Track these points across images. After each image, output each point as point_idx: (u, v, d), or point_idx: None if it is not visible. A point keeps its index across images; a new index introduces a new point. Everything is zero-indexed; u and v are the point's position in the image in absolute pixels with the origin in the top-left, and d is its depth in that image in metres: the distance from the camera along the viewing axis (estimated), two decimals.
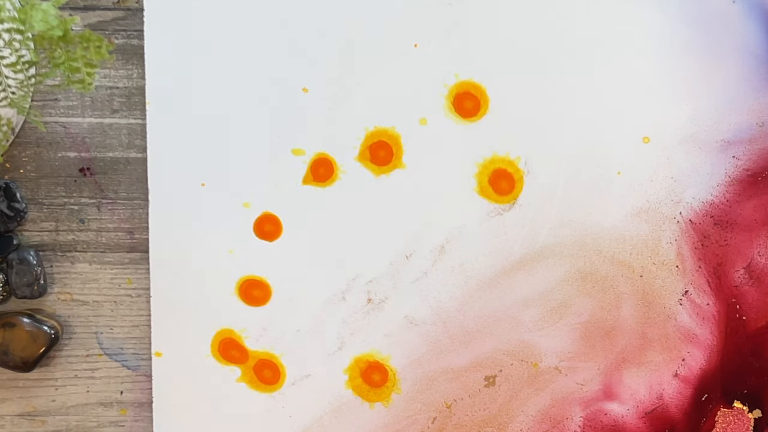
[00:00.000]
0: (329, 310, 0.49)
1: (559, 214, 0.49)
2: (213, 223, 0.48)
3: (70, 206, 0.48)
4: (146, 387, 0.49)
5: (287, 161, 0.48)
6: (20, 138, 0.48)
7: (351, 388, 0.50)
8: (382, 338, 0.49)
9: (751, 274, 0.49)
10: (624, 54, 0.48)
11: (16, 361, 0.47)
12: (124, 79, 0.48)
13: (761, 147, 0.49)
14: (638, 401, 0.50)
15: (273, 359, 0.49)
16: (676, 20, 0.48)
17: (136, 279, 0.49)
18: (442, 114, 0.48)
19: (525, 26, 0.48)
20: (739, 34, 0.48)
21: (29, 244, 0.48)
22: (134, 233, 0.48)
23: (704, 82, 0.48)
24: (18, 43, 0.38)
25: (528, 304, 0.49)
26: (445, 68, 0.48)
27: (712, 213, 0.49)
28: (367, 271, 0.49)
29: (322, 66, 0.48)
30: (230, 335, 0.49)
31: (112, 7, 0.47)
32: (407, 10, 0.47)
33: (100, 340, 0.49)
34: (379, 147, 0.48)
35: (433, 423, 0.50)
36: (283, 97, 0.48)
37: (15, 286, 0.47)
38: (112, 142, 0.48)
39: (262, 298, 0.49)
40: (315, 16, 0.47)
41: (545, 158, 0.48)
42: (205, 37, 0.47)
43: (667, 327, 0.49)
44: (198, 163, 0.48)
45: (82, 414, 0.49)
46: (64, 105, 0.47)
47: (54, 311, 0.49)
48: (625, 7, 0.48)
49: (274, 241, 0.49)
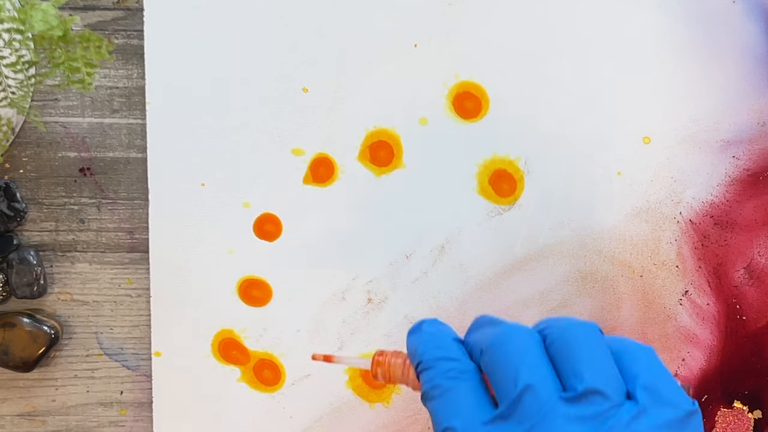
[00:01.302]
0: (329, 310, 0.49)
1: (559, 214, 0.49)
2: (213, 223, 0.48)
3: (70, 206, 0.48)
4: (146, 387, 0.49)
5: (287, 161, 0.48)
6: (20, 138, 0.48)
7: (351, 388, 0.50)
8: (382, 338, 0.49)
9: (751, 274, 0.49)
10: (624, 54, 0.48)
11: (16, 361, 0.47)
12: (124, 79, 0.48)
13: (761, 147, 0.49)
14: None
15: (273, 359, 0.49)
16: (676, 20, 0.48)
17: (136, 279, 0.49)
18: (443, 114, 0.48)
19: (525, 26, 0.48)
20: (739, 34, 0.48)
21: (29, 244, 0.48)
22: (134, 233, 0.48)
23: (704, 82, 0.48)
24: (18, 43, 0.38)
25: (528, 304, 0.49)
26: (445, 68, 0.48)
27: (712, 213, 0.49)
28: (367, 271, 0.49)
29: (322, 66, 0.48)
30: (230, 335, 0.49)
31: (112, 7, 0.47)
32: (407, 10, 0.47)
33: (100, 340, 0.49)
34: (379, 147, 0.48)
35: None
36: (283, 97, 0.48)
37: (15, 286, 0.47)
38: (112, 142, 0.48)
39: (262, 298, 0.49)
40: (315, 16, 0.47)
41: (545, 158, 0.48)
42: (205, 37, 0.47)
43: (667, 327, 0.49)
44: (198, 163, 0.48)
45: (82, 414, 0.49)
46: (64, 105, 0.47)
47: (54, 311, 0.49)
48: (625, 7, 0.48)
49: (274, 241, 0.49)
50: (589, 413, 0.27)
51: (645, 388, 0.28)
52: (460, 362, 0.30)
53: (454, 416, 0.28)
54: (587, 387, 0.27)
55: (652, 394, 0.28)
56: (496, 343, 0.29)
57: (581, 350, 0.28)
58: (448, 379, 0.29)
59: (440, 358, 0.30)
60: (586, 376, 0.27)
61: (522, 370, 0.28)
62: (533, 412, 0.27)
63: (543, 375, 0.28)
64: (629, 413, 0.27)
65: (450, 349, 0.31)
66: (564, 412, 0.27)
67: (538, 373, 0.28)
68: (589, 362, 0.28)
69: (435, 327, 0.32)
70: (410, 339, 0.32)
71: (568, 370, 0.28)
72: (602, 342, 0.29)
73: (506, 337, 0.29)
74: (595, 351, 0.28)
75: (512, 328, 0.30)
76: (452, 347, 0.31)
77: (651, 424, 0.27)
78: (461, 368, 0.30)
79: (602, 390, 0.27)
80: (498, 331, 0.30)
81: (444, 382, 0.29)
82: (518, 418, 0.27)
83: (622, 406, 0.27)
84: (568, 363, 0.28)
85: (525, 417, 0.27)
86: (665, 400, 0.28)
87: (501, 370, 0.28)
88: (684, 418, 0.27)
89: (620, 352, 0.29)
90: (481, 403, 0.29)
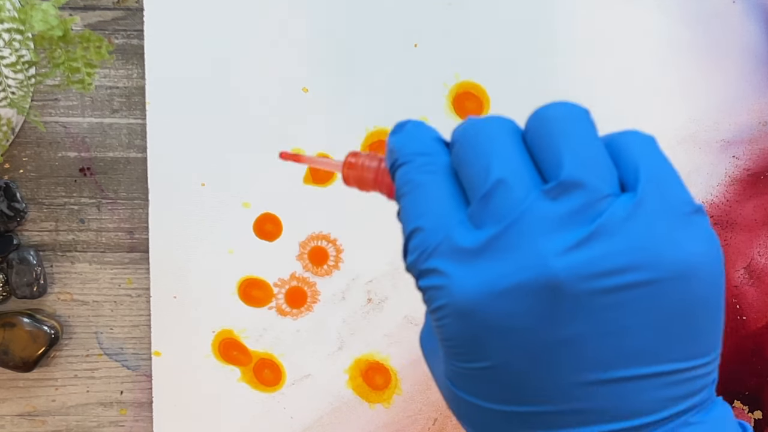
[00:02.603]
0: (329, 310, 0.49)
1: None
2: (213, 223, 0.48)
3: (70, 206, 0.48)
4: (146, 387, 0.49)
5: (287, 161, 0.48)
6: (20, 138, 0.48)
7: (351, 388, 0.50)
8: (382, 338, 0.49)
9: (751, 274, 0.49)
10: (624, 54, 0.48)
11: (16, 361, 0.47)
12: (124, 79, 0.48)
13: (761, 147, 0.49)
14: None
15: (273, 359, 0.49)
16: (676, 20, 0.48)
17: (136, 279, 0.49)
18: (443, 114, 0.48)
19: (525, 26, 0.48)
20: (739, 34, 0.48)
21: (29, 244, 0.48)
22: (134, 233, 0.48)
23: (704, 82, 0.48)
24: (18, 43, 0.38)
25: None
26: (445, 68, 0.48)
27: (712, 213, 0.49)
28: (367, 271, 0.49)
29: (322, 66, 0.48)
30: (230, 335, 0.49)
31: (112, 7, 0.47)
32: (407, 10, 0.47)
33: (100, 340, 0.49)
34: (379, 147, 0.48)
35: (434, 424, 0.50)
36: (283, 97, 0.48)
37: (15, 286, 0.47)
38: (112, 142, 0.48)
39: (262, 298, 0.49)
40: (315, 16, 0.47)
41: None
42: (205, 37, 0.47)
43: None
44: (198, 163, 0.48)
45: (82, 414, 0.49)
46: (64, 105, 0.47)
47: (54, 311, 0.49)
48: (625, 7, 0.48)
49: (274, 241, 0.49)
50: (573, 208, 0.22)
51: (645, 178, 0.23)
52: (438, 157, 0.26)
53: (423, 215, 0.25)
54: (569, 176, 0.22)
55: (654, 184, 0.23)
56: (468, 133, 0.25)
57: (562, 135, 0.24)
58: (422, 174, 0.25)
59: (417, 153, 0.26)
60: (567, 164, 0.23)
61: (494, 163, 0.23)
62: (507, 211, 0.23)
63: (517, 167, 0.23)
64: (625, 208, 0.22)
65: (429, 145, 0.26)
66: (543, 209, 0.22)
67: (511, 165, 0.23)
68: (571, 147, 0.23)
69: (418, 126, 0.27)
70: (391, 138, 0.28)
71: (548, 160, 0.23)
72: (589, 126, 0.24)
73: (478, 127, 0.25)
74: (578, 135, 0.24)
75: (487, 118, 0.25)
76: (432, 144, 0.26)
77: (652, 220, 0.22)
78: (438, 162, 0.26)
79: (587, 180, 0.22)
80: (472, 122, 0.25)
81: (417, 177, 0.25)
82: (491, 217, 0.23)
83: (616, 199, 0.23)
84: (547, 152, 0.24)
85: (498, 216, 0.23)
86: (669, 193, 0.23)
87: (471, 163, 0.24)
88: (691, 214, 0.23)
89: (614, 139, 0.24)
90: (454, 202, 0.25)
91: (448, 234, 0.24)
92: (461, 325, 0.24)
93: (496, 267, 0.23)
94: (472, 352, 0.24)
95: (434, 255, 0.24)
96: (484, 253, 0.23)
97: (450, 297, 0.23)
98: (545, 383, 0.23)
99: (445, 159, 0.26)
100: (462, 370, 0.25)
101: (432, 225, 0.24)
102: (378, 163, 0.29)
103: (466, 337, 0.24)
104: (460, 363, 0.25)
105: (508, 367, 0.23)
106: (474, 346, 0.24)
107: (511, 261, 0.23)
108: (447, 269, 0.24)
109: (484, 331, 0.23)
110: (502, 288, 0.23)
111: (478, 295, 0.23)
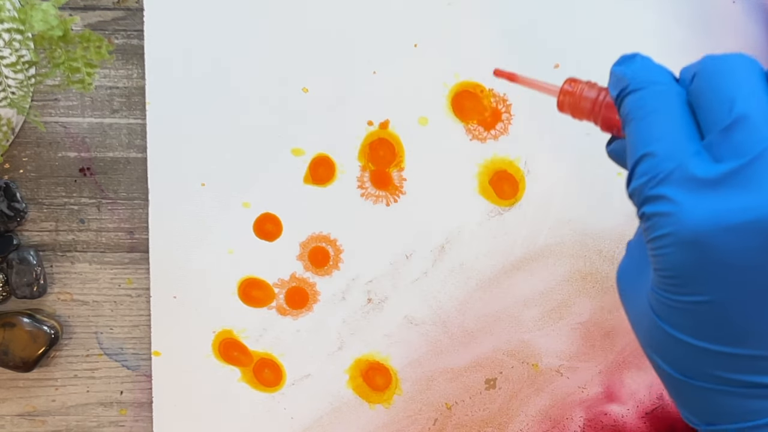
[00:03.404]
0: (329, 310, 0.49)
1: (559, 214, 0.49)
2: (213, 223, 0.48)
3: (70, 206, 0.48)
4: (146, 387, 0.49)
5: (287, 161, 0.48)
6: (20, 138, 0.48)
7: (351, 388, 0.50)
8: (382, 338, 0.49)
9: None
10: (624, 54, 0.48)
11: (16, 361, 0.47)
12: (124, 79, 0.48)
13: None
14: (638, 401, 0.50)
15: (273, 359, 0.49)
16: (677, 20, 0.48)
17: (136, 279, 0.49)
18: (443, 114, 0.48)
19: (525, 26, 0.48)
20: (739, 34, 0.48)
21: (29, 244, 0.48)
22: (134, 233, 0.48)
23: None
24: (18, 43, 0.38)
25: (528, 304, 0.49)
26: (445, 68, 0.48)
27: None
28: (367, 271, 0.49)
29: (322, 66, 0.48)
30: (230, 335, 0.49)
31: (112, 7, 0.47)
32: (407, 10, 0.47)
33: (100, 340, 0.49)
34: (379, 147, 0.48)
35: (434, 424, 0.50)
36: (283, 97, 0.48)
37: (15, 286, 0.47)
38: (112, 142, 0.48)
39: (262, 298, 0.49)
40: (315, 16, 0.47)
41: (545, 158, 0.48)
42: (205, 37, 0.47)
43: None
44: (198, 163, 0.48)
45: (82, 414, 0.49)
46: (64, 105, 0.47)
47: (54, 311, 0.49)
48: (625, 7, 0.48)
49: (274, 241, 0.49)
50: None
51: None
52: (673, 86, 0.26)
53: (657, 141, 0.24)
54: None
55: None
56: (712, 66, 0.25)
57: None
58: (658, 100, 0.25)
59: (652, 81, 0.26)
60: None
61: (739, 96, 0.23)
62: (750, 146, 0.22)
63: (761, 104, 0.23)
64: None
65: (663, 75, 0.26)
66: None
67: (755, 100, 0.23)
68: None
69: (648, 58, 0.28)
70: (618, 67, 0.28)
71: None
72: None
73: (724, 63, 0.25)
74: None
75: (732, 54, 0.26)
76: (666, 74, 0.27)
77: None
78: (673, 92, 0.26)
79: None
80: (715, 57, 0.26)
81: (652, 102, 0.25)
82: (731, 151, 0.23)
83: None
84: None
85: (740, 151, 0.23)
86: None
87: (714, 94, 0.24)
88: None
89: None
90: (689, 131, 0.24)
91: (682, 162, 0.24)
92: (685, 255, 0.23)
93: (732, 201, 0.23)
94: (690, 284, 0.24)
95: (665, 182, 0.24)
96: (720, 185, 0.23)
97: (677, 225, 0.23)
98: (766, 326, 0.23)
99: (680, 90, 0.26)
100: (674, 303, 0.24)
101: (666, 151, 0.24)
102: (597, 93, 0.29)
103: (687, 267, 0.23)
104: (675, 296, 0.24)
105: (727, 304, 0.23)
106: (695, 278, 0.23)
107: (750, 197, 0.22)
108: (677, 197, 0.24)
109: (709, 264, 0.23)
110: (736, 222, 0.22)
111: (709, 227, 0.23)
